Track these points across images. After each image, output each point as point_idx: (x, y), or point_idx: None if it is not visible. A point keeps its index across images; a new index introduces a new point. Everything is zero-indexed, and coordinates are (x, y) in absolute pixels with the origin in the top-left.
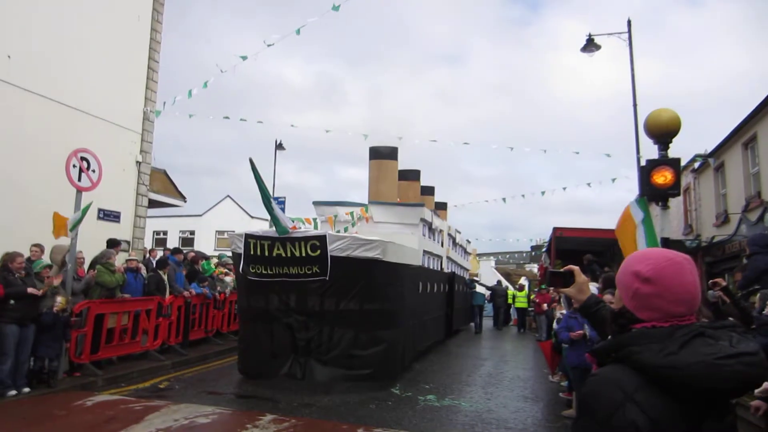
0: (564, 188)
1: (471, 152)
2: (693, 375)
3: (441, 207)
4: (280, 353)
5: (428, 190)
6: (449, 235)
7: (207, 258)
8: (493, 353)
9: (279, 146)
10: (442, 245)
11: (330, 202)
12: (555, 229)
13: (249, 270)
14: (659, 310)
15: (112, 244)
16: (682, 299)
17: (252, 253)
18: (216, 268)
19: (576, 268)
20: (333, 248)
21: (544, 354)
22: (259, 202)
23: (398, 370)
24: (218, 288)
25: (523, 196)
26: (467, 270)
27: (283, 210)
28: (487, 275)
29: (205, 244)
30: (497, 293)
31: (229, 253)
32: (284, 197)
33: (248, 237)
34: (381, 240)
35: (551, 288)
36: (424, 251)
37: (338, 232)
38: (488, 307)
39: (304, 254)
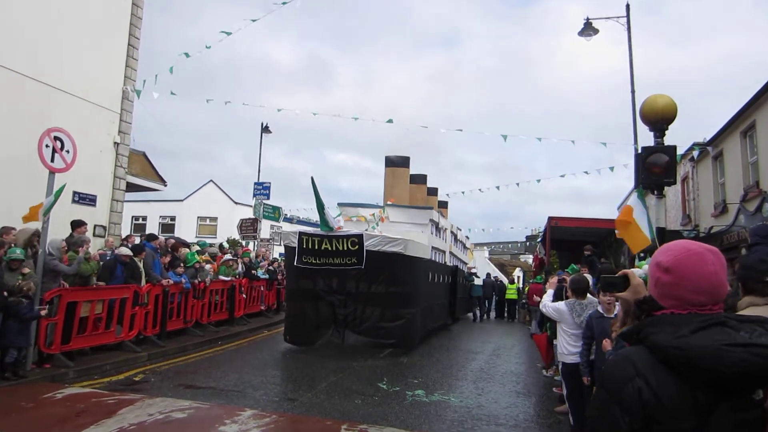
0: (562, 176)
1: (465, 139)
2: (697, 357)
3: (443, 206)
4: (323, 325)
5: (432, 191)
6: (452, 232)
7: (187, 245)
8: (486, 347)
9: (265, 129)
10: (445, 241)
11: (353, 204)
12: (550, 219)
13: (301, 260)
14: (679, 298)
15: (76, 225)
16: (701, 288)
17: (304, 246)
18: (197, 256)
19: (630, 271)
20: (367, 244)
21: (538, 347)
22: (244, 187)
23: (415, 341)
24: (198, 277)
25: (518, 184)
26: (466, 264)
27: (267, 195)
28: (481, 267)
29: (187, 231)
30: (486, 286)
31: (212, 241)
32: (269, 182)
33: (302, 234)
34: (403, 238)
35: (606, 294)
36: (432, 247)
37: (365, 230)
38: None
39: (345, 248)
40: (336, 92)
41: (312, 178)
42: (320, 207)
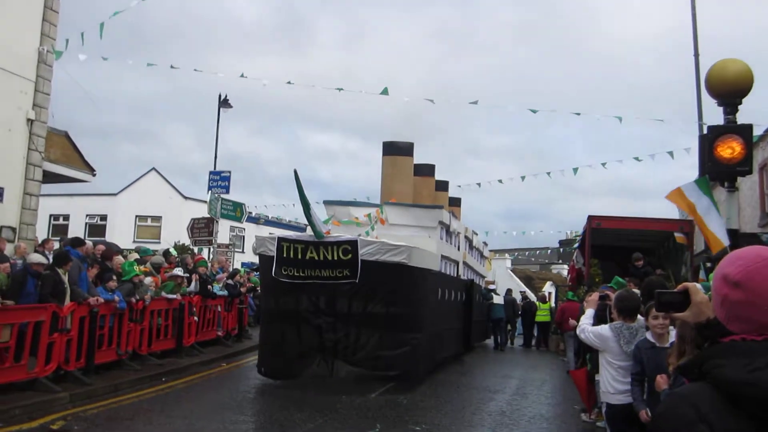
0: (604, 164)
1: (480, 115)
2: None
3: (455, 203)
4: (307, 353)
5: (442, 185)
6: (466, 237)
7: (121, 252)
8: (508, 383)
9: (224, 102)
10: (458, 249)
11: (343, 201)
12: (591, 219)
13: (281, 272)
14: (751, 320)
15: None
16: None
17: (285, 255)
18: (136, 267)
19: (691, 285)
20: (363, 252)
21: (576, 384)
22: (196, 177)
23: (421, 374)
24: (136, 294)
25: (548, 174)
26: (483, 277)
27: (226, 188)
28: (502, 280)
29: (121, 234)
30: (509, 304)
31: (154, 246)
32: (229, 171)
33: (281, 240)
34: (407, 245)
35: (659, 316)
36: (442, 256)
37: (359, 235)
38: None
39: (336, 258)
40: (315, 55)
41: (295, 172)
42: (306, 207)
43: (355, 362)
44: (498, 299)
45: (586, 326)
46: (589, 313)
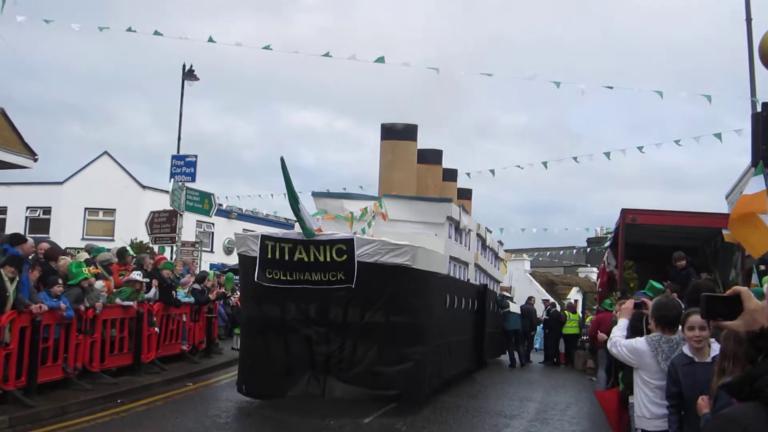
0: (640, 148)
1: (495, 88)
2: None
3: (465, 195)
4: (295, 369)
5: (450, 174)
6: (478, 235)
7: (65, 253)
8: (526, 408)
9: (189, 74)
10: (469, 249)
11: (334, 194)
12: (625, 213)
13: (264, 275)
14: None
15: None
16: None
17: (269, 256)
18: (86, 269)
19: (743, 290)
20: (360, 253)
21: (604, 408)
22: (157, 163)
23: (426, 393)
24: (86, 301)
25: (575, 159)
26: (499, 282)
27: (192, 176)
28: (520, 286)
29: (68, 230)
30: (524, 313)
31: (107, 245)
32: (195, 156)
33: (266, 239)
34: (411, 245)
35: (708, 321)
36: (451, 257)
37: (355, 233)
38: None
39: (329, 259)
40: (298, 18)
41: (282, 160)
42: (294, 201)
43: (349, 379)
44: (515, 308)
45: (618, 339)
46: (622, 323)
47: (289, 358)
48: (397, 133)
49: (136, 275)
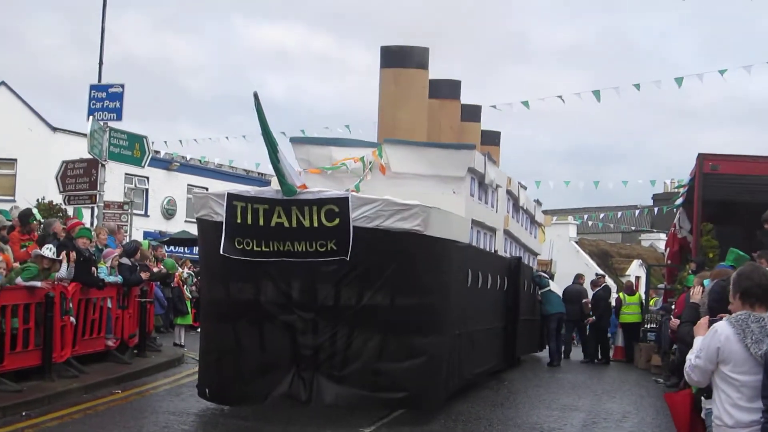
0: (722, 72)
1: None
2: None
3: (492, 140)
4: (275, 366)
5: (472, 113)
6: (509, 192)
7: None
8: (569, 418)
9: None
10: (497, 211)
11: (319, 139)
12: (703, 159)
13: (233, 246)
14: None
15: None
16: None
17: (239, 221)
18: None
19: None
20: (357, 216)
21: (673, 415)
22: (70, 97)
23: (441, 397)
24: None
25: (636, 87)
26: (535, 255)
27: (118, 112)
28: (564, 258)
29: None
30: (570, 296)
31: (5, 206)
32: (122, 86)
33: (233, 198)
34: (421, 204)
35: None
36: (474, 222)
37: (347, 190)
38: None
39: (316, 224)
40: None
41: (256, 96)
42: (273, 148)
43: (343, 379)
44: (555, 288)
45: (697, 363)
46: (699, 344)
47: (267, 353)
48: (402, 58)
49: (47, 250)
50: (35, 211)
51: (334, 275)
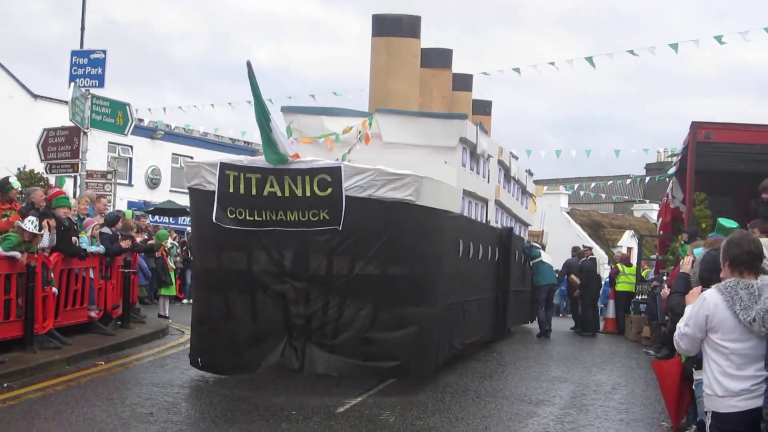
0: (719, 38)
1: None
2: None
3: (483, 110)
4: (267, 335)
5: (463, 82)
6: (500, 162)
7: None
8: (558, 389)
9: None
10: (488, 181)
11: (310, 108)
12: (696, 128)
13: (225, 215)
14: None
15: None
16: None
17: (231, 191)
18: None
19: None
20: (350, 186)
21: (661, 385)
22: (51, 63)
23: (431, 366)
24: None
25: (631, 52)
26: (527, 225)
27: (100, 79)
28: (555, 228)
29: None
30: (567, 269)
31: None
32: (104, 52)
33: (226, 168)
34: (413, 174)
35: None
36: (465, 192)
37: (337, 160)
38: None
39: (309, 193)
40: None
41: (249, 65)
42: (265, 117)
43: (335, 348)
44: (546, 257)
45: (686, 331)
46: (690, 312)
47: (259, 322)
48: (393, 26)
49: (29, 224)
50: (13, 179)
51: (327, 245)
